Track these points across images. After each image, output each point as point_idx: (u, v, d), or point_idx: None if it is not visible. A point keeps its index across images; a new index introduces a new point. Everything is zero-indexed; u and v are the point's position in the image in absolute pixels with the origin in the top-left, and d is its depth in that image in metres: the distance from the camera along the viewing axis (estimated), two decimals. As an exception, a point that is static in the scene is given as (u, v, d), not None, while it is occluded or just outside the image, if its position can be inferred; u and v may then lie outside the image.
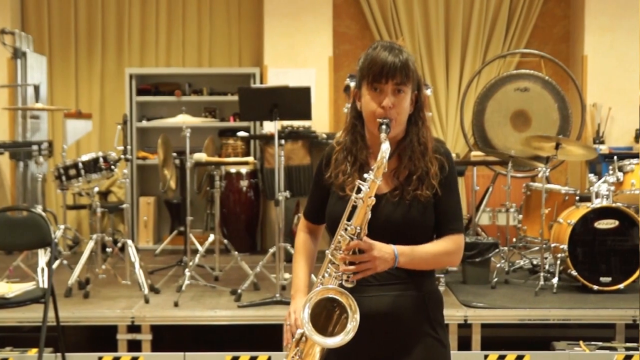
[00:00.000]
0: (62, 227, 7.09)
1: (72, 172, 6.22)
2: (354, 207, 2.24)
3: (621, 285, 6.09)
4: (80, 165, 6.20)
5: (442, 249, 2.37)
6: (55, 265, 5.89)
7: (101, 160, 6.22)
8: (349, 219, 2.24)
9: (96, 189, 6.43)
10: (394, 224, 2.32)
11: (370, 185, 2.22)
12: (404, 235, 2.31)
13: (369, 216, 2.23)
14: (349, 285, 2.22)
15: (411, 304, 2.36)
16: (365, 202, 2.21)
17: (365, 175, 2.24)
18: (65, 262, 6.73)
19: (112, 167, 6.27)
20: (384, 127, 2.28)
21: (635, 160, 6.53)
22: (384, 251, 2.24)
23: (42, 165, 7.65)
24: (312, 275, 2.56)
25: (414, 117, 2.41)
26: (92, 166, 6.22)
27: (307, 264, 2.57)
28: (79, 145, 8.80)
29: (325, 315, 2.25)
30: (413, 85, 2.37)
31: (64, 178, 6.24)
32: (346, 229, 2.23)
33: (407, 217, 2.33)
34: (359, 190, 2.23)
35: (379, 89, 2.33)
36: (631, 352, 5.41)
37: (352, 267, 2.21)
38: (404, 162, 2.39)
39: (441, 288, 5.95)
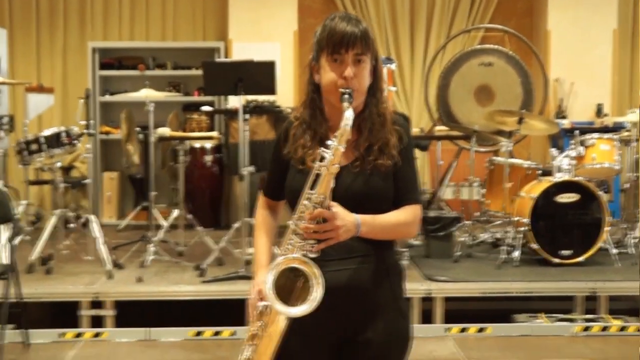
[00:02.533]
0: (24, 202, 7.02)
1: (34, 147, 6.15)
2: (317, 176, 2.22)
3: (581, 258, 6.18)
4: (43, 140, 6.14)
5: (402, 219, 2.38)
6: (17, 241, 5.83)
7: (63, 135, 6.16)
8: (312, 188, 2.24)
9: (59, 164, 6.37)
10: (355, 194, 2.32)
11: (334, 153, 2.20)
12: (364, 205, 2.31)
13: (332, 185, 2.22)
14: (313, 255, 2.21)
15: (373, 276, 2.36)
16: (329, 169, 2.20)
17: (329, 142, 2.22)
18: (27, 238, 6.67)
19: (75, 142, 6.20)
20: (346, 96, 2.27)
21: (596, 135, 6.60)
22: (347, 220, 2.23)
23: (3, 140, 7.53)
24: (275, 248, 2.56)
25: (372, 89, 2.39)
26: (55, 141, 6.16)
27: (268, 239, 2.56)
28: (40, 120, 8.70)
29: (288, 287, 2.24)
30: (372, 55, 2.36)
31: (25, 153, 6.18)
32: (309, 198, 2.21)
33: (368, 186, 2.33)
34: (322, 159, 2.23)
35: (339, 59, 2.31)
36: (590, 324, 5.50)
37: (315, 235, 2.21)
38: (364, 134, 2.37)
39: (405, 262, 5.99)
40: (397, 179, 2.38)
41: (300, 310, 2.18)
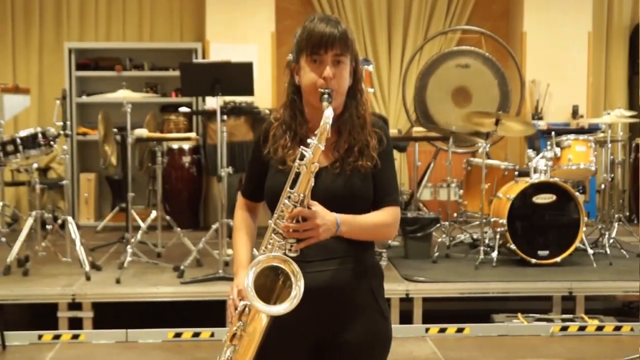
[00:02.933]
0: (0, 204, 6.96)
1: (10, 148, 6.11)
2: (297, 175, 2.22)
3: (558, 259, 6.23)
4: (19, 141, 6.09)
5: (382, 220, 2.39)
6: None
7: (40, 136, 6.12)
8: (292, 187, 2.23)
9: (35, 165, 6.33)
10: (334, 194, 2.32)
11: (314, 151, 2.19)
12: (344, 206, 2.31)
13: (312, 183, 2.22)
14: (293, 255, 2.21)
15: (352, 277, 2.36)
16: (309, 168, 2.19)
17: (309, 141, 2.21)
18: (3, 239, 6.61)
19: (52, 143, 6.16)
20: (325, 96, 2.27)
21: (572, 136, 6.66)
22: (327, 219, 2.24)
23: (-21, 142, 7.49)
24: (254, 250, 2.56)
25: (352, 90, 2.40)
26: (31, 142, 6.11)
27: (248, 240, 2.55)
28: (16, 121, 8.61)
29: (269, 286, 2.23)
30: (351, 56, 2.37)
31: (1, 154, 6.13)
32: (289, 197, 2.21)
33: (348, 187, 2.34)
34: (302, 157, 2.22)
35: (318, 60, 2.32)
36: (567, 324, 5.55)
37: (295, 234, 2.21)
38: (344, 135, 2.38)
39: (383, 263, 6.01)
40: (376, 180, 2.39)
41: (281, 308, 2.17)
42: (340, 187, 2.34)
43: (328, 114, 2.22)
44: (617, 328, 5.52)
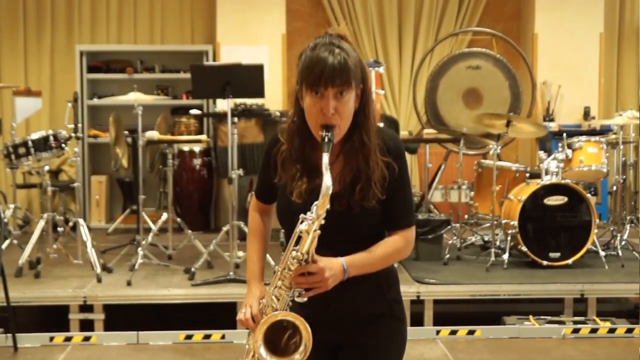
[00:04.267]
0: (12, 206, 7.00)
1: (22, 150, 6.13)
2: (299, 238, 2.21)
3: (569, 261, 6.20)
4: (30, 143, 6.11)
5: (392, 250, 2.35)
6: (5, 245, 5.82)
7: (51, 138, 6.13)
8: (296, 245, 2.22)
9: (46, 168, 6.34)
10: (341, 233, 2.29)
11: (314, 221, 2.18)
12: (351, 234, 2.31)
13: (316, 243, 2.19)
14: (301, 301, 2.22)
15: (367, 288, 2.36)
16: (310, 233, 2.18)
17: (308, 215, 2.18)
18: (15, 241, 6.65)
19: (63, 145, 6.18)
20: (326, 140, 2.20)
21: (583, 138, 6.63)
22: (334, 269, 2.22)
23: (-9, 144, 7.52)
24: (268, 256, 2.55)
25: (358, 115, 2.30)
26: (42, 144, 6.13)
27: (261, 246, 2.54)
28: (28, 123, 8.65)
29: (280, 331, 2.25)
30: (356, 82, 2.26)
31: (13, 157, 6.15)
32: (294, 256, 2.20)
33: (354, 224, 2.31)
34: (302, 222, 2.19)
35: (319, 92, 2.22)
36: (579, 326, 5.52)
37: (304, 285, 2.21)
38: (349, 164, 2.32)
39: (394, 265, 5.98)
40: (387, 206, 2.33)
41: None
42: (349, 225, 2.31)
43: (328, 184, 2.15)
44: (629, 330, 5.50)
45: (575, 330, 5.49)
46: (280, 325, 2.24)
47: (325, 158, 2.18)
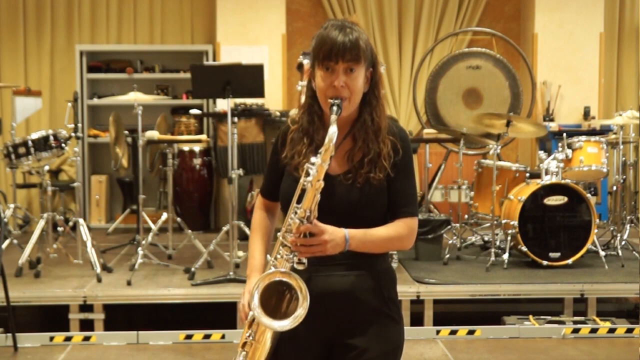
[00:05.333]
0: (12, 206, 7.00)
1: (22, 150, 6.13)
2: (303, 191, 2.23)
3: (569, 261, 6.21)
4: (30, 143, 6.11)
5: (394, 234, 2.37)
6: (4, 244, 5.82)
7: (51, 138, 6.14)
8: (298, 202, 2.24)
9: (46, 168, 6.34)
10: (345, 206, 2.32)
11: (318, 169, 2.20)
12: (355, 217, 2.31)
13: (318, 199, 2.22)
14: (301, 267, 2.23)
15: (364, 283, 2.36)
16: (314, 185, 2.20)
17: (313, 159, 2.23)
18: (15, 241, 6.65)
19: (63, 145, 6.19)
20: (334, 108, 2.27)
21: (583, 138, 6.63)
22: (335, 235, 2.24)
23: (-9, 144, 7.53)
24: (268, 255, 2.57)
25: (368, 96, 2.39)
26: (42, 144, 6.13)
27: (263, 243, 2.55)
28: (28, 123, 8.65)
29: (278, 297, 2.25)
30: (366, 63, 2.35)
31: (13, 156, 6.15)
32: (296, 212, 2.22)
33: (359, 199, 2.33)
34: (307, 174, 2.23)
35: (330, 68, 2.31)
36: (579, 326, 5.53)
37: (302, 248, 2.22)
38: (358, 143, 2.37)
39: (394, 265, 6.00)
40: (391, 191, 2.37)
41: (283, 325, 2.20)
42: (351, 200, 2.33)
43: (332, 132, 2.23)
44: (629, 330, 5.50)
45: (575, 330, 5.49)
46: (276, 292, 2.24)
47: (333, 117, 2.26)
